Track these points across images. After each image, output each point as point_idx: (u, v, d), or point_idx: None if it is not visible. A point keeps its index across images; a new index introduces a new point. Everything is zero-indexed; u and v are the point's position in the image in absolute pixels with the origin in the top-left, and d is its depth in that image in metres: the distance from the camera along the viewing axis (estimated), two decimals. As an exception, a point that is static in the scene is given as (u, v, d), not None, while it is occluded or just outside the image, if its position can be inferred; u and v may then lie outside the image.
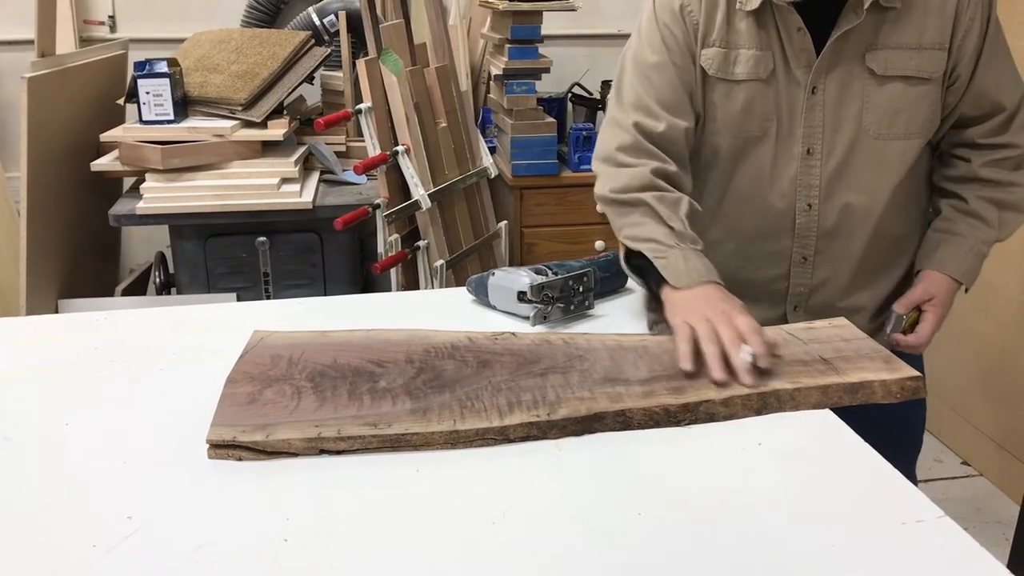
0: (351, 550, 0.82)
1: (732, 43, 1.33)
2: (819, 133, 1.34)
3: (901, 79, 1.31)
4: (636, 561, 0.81)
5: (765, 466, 0.97)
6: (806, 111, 1.33)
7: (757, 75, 1.33)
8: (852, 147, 1.34)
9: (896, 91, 1.32)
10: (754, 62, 1.32)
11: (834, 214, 1.37)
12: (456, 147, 2.49)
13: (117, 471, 0.96)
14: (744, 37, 1.32)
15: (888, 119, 1.33)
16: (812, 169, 1.36)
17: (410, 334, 1.25)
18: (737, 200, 1.42)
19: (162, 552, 0.82)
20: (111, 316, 1.40)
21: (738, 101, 1.34)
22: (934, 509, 0.88)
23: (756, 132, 1.36)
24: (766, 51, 1.32)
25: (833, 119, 1.33)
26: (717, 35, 1.34)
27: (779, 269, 1.43)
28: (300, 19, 2.96)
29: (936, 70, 1.31)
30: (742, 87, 1.34)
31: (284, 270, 2.50)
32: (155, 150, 2.35)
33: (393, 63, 2.29)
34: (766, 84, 1.33)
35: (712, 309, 1.18)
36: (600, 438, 1.02)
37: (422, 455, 0.98)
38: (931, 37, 1.30)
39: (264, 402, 1.06)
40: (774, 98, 1.34)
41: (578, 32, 3.36)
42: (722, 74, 1.34)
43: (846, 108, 1.33)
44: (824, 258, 1.41)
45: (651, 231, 1.29)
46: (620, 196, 1.33)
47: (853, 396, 1.09)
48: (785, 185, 1.37)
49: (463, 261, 2.50)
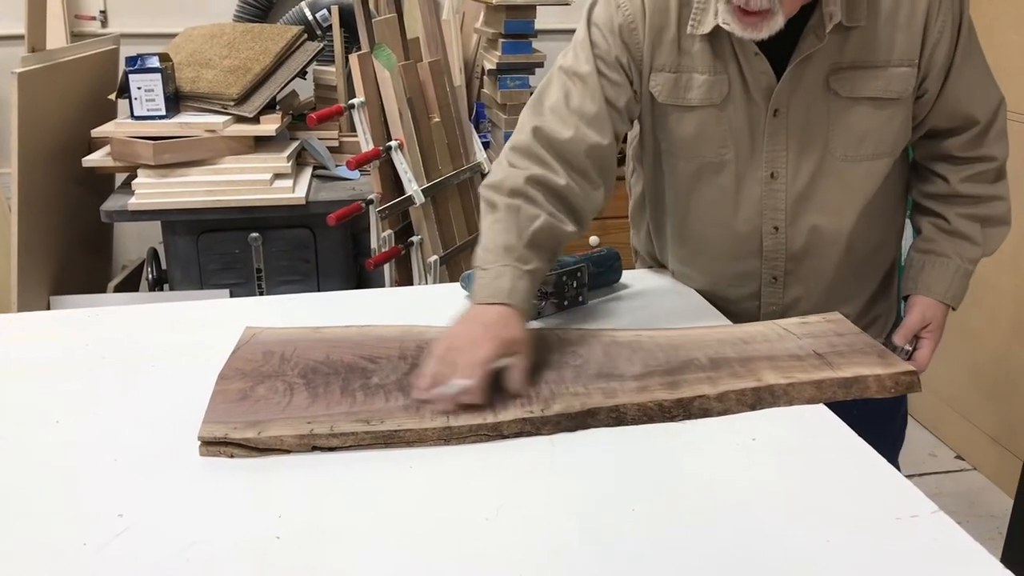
0: (343, 547, 0.82)
1: (684, 67, 1.27)
2: (783, 156, 1.29)
3: (868, 100, 1.26)
4: (630, 557, 0.81)
5: (759, 461, 0.96)
6: (768, 135, 1.28)
7: (711, 100, 1.27)
8: (818, 170, 1.29)
9: (863, 113, 1.26)
10: (707, 87, 1.27)
11: (802, 236, 1.34)
12: (449, 142, 2.48)
13: (108, 468, 0.95)
14: (697, 61, 1.26)
15: (856, 141, 1.28)
16: (777, 193, 1.31)
17: (403, 330, 1.25)
18: (700, 222, 1.38)
19: (153, 550, 0.81)
20: (103, 313, 1.39)
21: (690, 127, 1.30)
22: (929, 504, 0.88)
23: (712, 158, 1.31)
24: (720, 75, 1.26)
25: (798, 142, 1.28)
26: (667, 59, 1.27)
27: (749, 288, 1.40)
28: (292, 14, 2.95)
29: (904, 89, 1.26)
30: (694, 113, 1.29)
31: (277, 266, 2.50)
32: (147, 145, 2.34)
33: (386, 58, 2.28)
34: (720, 109, 1.28)
35: (470, 335, 1.09)
36: (594, 434, 1.02)
37: (415, 452, 0.98)
38: (900, 53, 1.24)
39: (256, 399, 1.05)
40: (729, 123, 1.29)
41: (572, 27, 3.32)
42: (673, 100, 1.29)
43: (811, 131, 1.28)
44: (795, 278, 1.38)
45: (493, 238, 1.20)
46: (489, 193, 1.25)
47: (847, 391, 1.09)
48: (750, 209, 1.33)
49: (457, 256, 2.49)
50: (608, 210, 2.91)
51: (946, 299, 1.37)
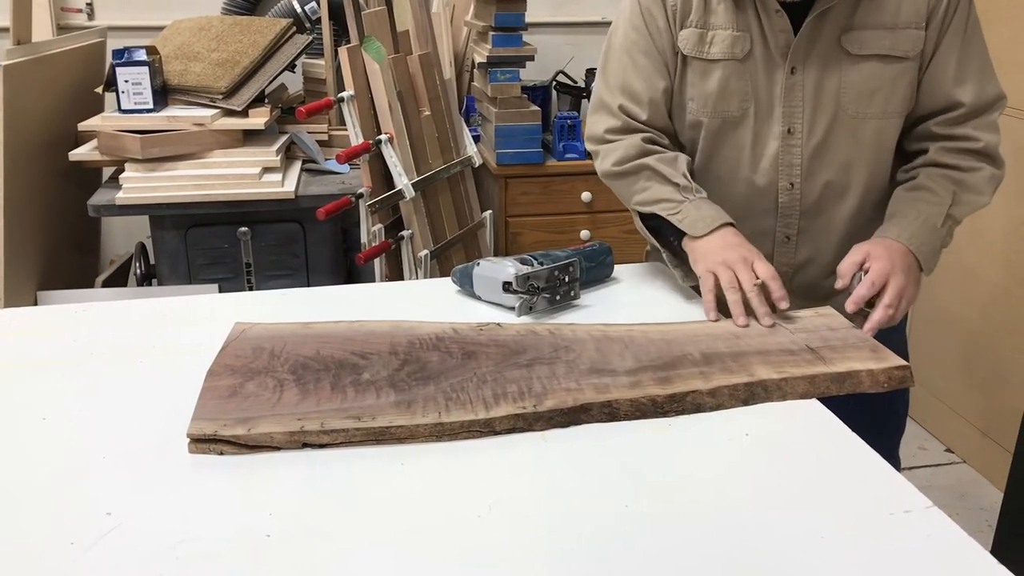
0: (334, 545, 0.81)
1: (708, 24, 1.36)
2: (799, 113, 1.36)
3: (876, 58, 1.32)
4: (624, 553, 0.80)
5: (752, 457, 0.96)
6: (785, 91, 1.35)
7: (733, 55, 1.35)
8: (831, 126, 1.36)
9: (872, 70, 1.33)
10: (730, 42, 1.35)
11: (815, 192, 1.39)
12: (440, 136, 2.47)
13: (96, 466, 0.94)
14: (721, 18, 1.35)
15: (865, 98, 1.34)
16: (793, 148, 1.38)
17: (394, 325, 1.24)
18: (719, 179, 1.43)
19: (142, 548, 0.81)
20: (90, 308, 1.38)
21: (714, 81, 1.37)
22: (922, 499, 0.88)
23: (734, 112, 1.38)
24: (743, 32, 1.34)
25: (813, 99, 1.35)
26: (694, 16, 1.37)
27: (763, 249, 1.42)
28: (281, 6, 2.93)
29: (911, 49, 1.32)
30: (718, 66, 1.37)
31: (266, 261, 2.48)
32: (134, 139, 2.32)
33: (376, 51, 2.27)
34: (742, 64, 1.36)
35: (732, 255, 1.28)
36: (586, 429, 1.01)
37: (407, 448, 0.97)
38: (906, 16, 1.31)
39: (246, 395, 1.04)
40: (751, 78, 1.36)
41: (562, 20, 3.35)
42: (697, 54, 1.37)
43: (825, 88, 1.34)
44: (807, 237, 1.43)
45: (658, 192, 1.38)
46: (621, 167, 1.41)
47: (840, 385, 1.09)
48: (766, 164, 1.39)
49: (447, 251, 2.49)
50: (599, 204, 2.92)
51: (900, 239, 1.30)
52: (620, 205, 1.53)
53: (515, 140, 2.80)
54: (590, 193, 2.89)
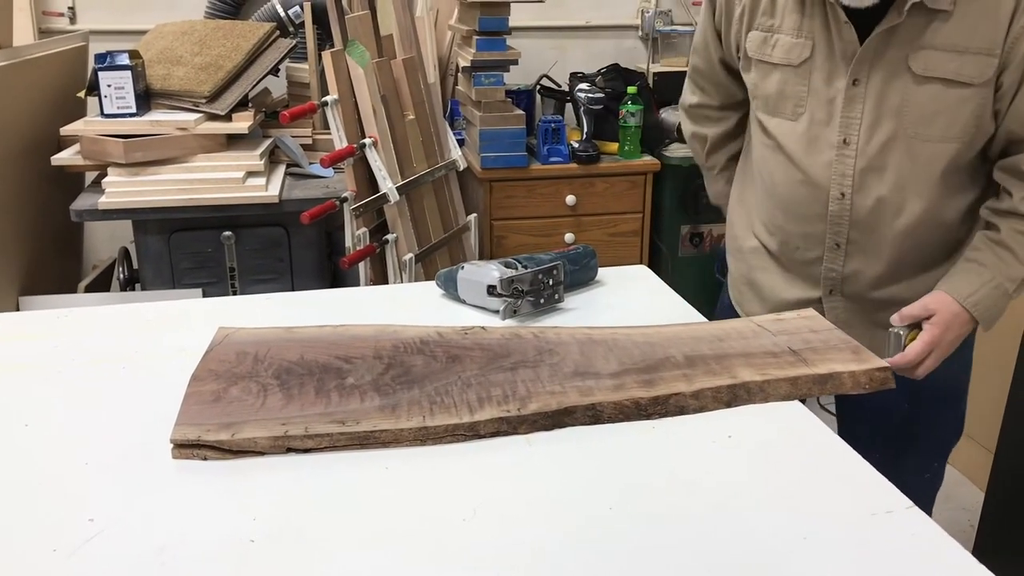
0: (319, 550, 0.81)
1: (773, 28, 1.40)
2: (856, 125, 1.36)
3: (940, 81, 1.29)
4: (608, 555, 0.81)
5: (735, 458, 0.97)
6: (845, 102, 1.36)
7: (789, 60, 1.39)
8: (888, 142, 1.35)
9: (934, 92, 1.30)
10: (788, 48, 1.38)
11: (867, 205, 1.39)
12: (424, 140, 2.47)
13: (78, 472, 0.94)
14: (785, 23, 1.39)
15: (927, 120, 1.32)
16: (847, 159, 1.38)
17: (378, 329, 1.24)
18: (777, 178, 1.47)
19: (125, 554, 0.80)
20: (73, 313, 1.37)
21: (773, 83, 1.42)
22: (903, 499, 0.89)
23: (789, 116, 1.42)
24: (805, 39, 1.37)
25: (873, 113, 1.34)
26: (760, 20, 1.42)
27: (815, 252, 1.47)
28: (264, 10, 2.93)
29: (980, 75, 1.28)
30: (777, 70, 1.41)
31: (250, 265, 2.48)
32: (117, 144, 2.32)
33: (359, 55, 2.27)
34: (796, 70, 1.38)
35: None
36: (571, 432, 1.02)
37: (391, 452, 0.97)
38: (980, 42, 1.27)
39: (229, 400, 1.04)
40: (809, 85, 1.38)
41: (546, 24, 3.36)
42: (759, 55, 1.43)
43: (887, 104, 1.33)
44: (857, 248, 1.43)
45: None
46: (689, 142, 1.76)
47: (822, 387, 1.10)
48: (819, 171, 1.40)
49: (432, 255, 2.49)
50: (583, 207, 2.93)
51: (966, 303, 1.33)
52: (604, 208, 1.55)
53: (499, 144, 2.81)
54: (574, 196, 2.90)
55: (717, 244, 3.20)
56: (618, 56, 3.35)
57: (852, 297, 1.48)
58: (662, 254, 3.12)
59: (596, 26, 3.40)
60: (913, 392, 1.41)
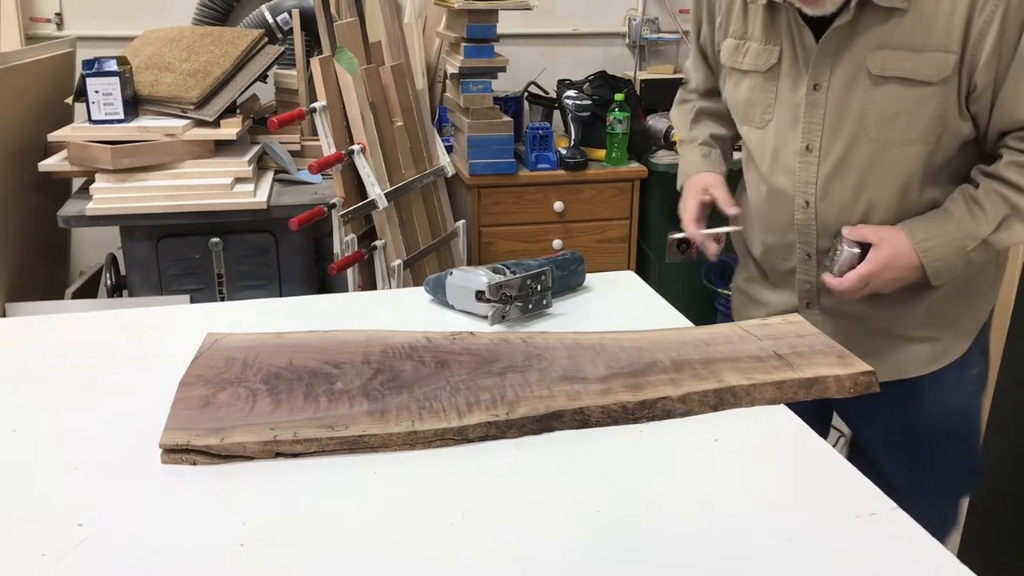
0: (308, 554, 0.82)
1: (744, 34, 1.39)
2: (818, 130, 1.34)
3: (897, 80, 1.27)
4: (597, 558, 0.81)
5: (722, 462, 0.97)
6: (807, 107, 1.33)
7: (757, 67, 1.37)
8: (851, 147, 1.32)
9: (893, 93, 1.28)
10: (756, 54, 1.37)
11: (831, 213, 1.36)
12: (412, 146, 2.48)
13: (67, 477, 0.93)
14: (755, 29, 1.37)
15: (887, 122, 1.29)
16: (809, 166, 1.36)
17: (367, 335, 1.25)
18: (752, 188, 1.48)
19: (114, 559, 0.80)
20: (60, 319, 1.37)
21: (743, 91, 1.41)
22: (887, 502, 0.89)
23: (757, 124, 1.41)
24: (773, 45, 1.35)
25: (834, 118, 1.32)
26: (733, 26, 1.41)
27: (791, 263, 1.45)
28: (253, 17, 2.93)
29: (936, 73, 1.25)
30: (747, 77, 1.40)
31: (238, 271, 2.47)
32: (105, 150, 2.31)
33: (348, 61, 2.27)
34: (765, 78, 1.37)
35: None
36: (559, 436, 1.02)
37: (380, 456, 0.97)
38: (936, 39, 1.25)
39: (218, 405, 1.04)
40: (776, 92, 1.37)
41: (534, 31, 3.37)
42: (732, 63, 1.42)
43: (848, 108, 1.31)
44: (828, 258, 1.40)
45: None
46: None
47: (808, 391, 1.11)
48: (784, 179, 1.39)
49: (420, 260, 2.49)
50: (571, 213, 2.94)
51: (918, 247, 1.29)
52: (591, 214, 1.57)
53: (487, 150, 2.82)
54: (562, 203, 2.91)
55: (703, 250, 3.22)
56: (605, 63, 3.36)
57: (829, 311, 1.44)
58: (649, 260, 3.13)
59: (583, 33, 3.41)
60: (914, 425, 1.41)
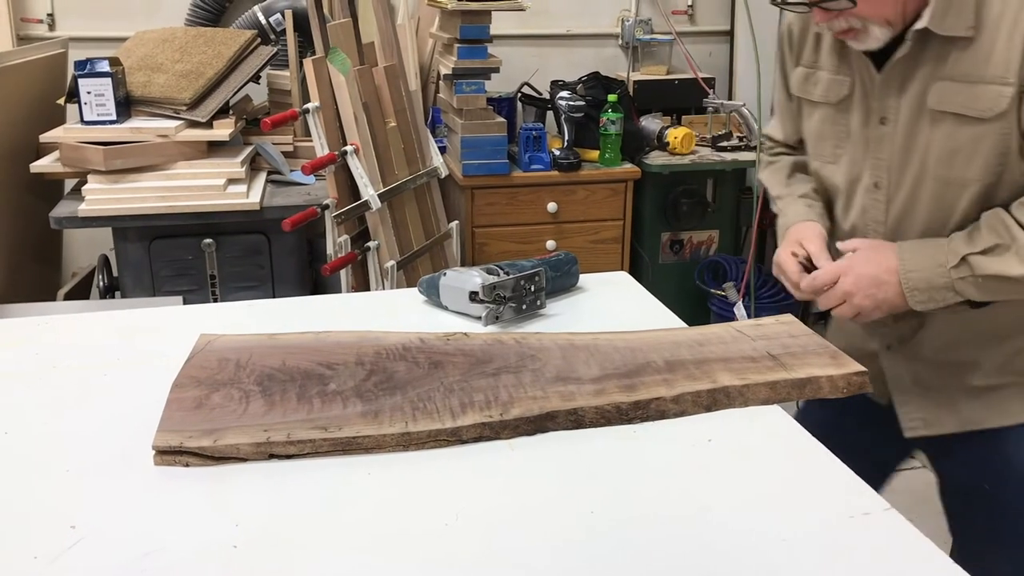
0: (302, 555, 0.81)
1: (815, 63, 1.32)
2: (885, 167, 1.26)
3: (952, 116, 1.17)
4: (590, 559, 0.81)
5: (715, 462, 0.97)
6: (874, 142, 1.26)
7: (827, 99, 1.30)
8: (916, 186, 1.23)
9: (948, 130, 1.18)
10: (826, 85, 1.30)
11: None
12: (406, 147, 2.48)
13: (59, 479, 0.93)
14: (826, 59, 1.30)
15: (946, 160, 1.20)
16: (878, 204, 1.28)
17: (360, 336, 1.24)
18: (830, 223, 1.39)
19: (107, 562, 0.80)
20: (52, 321, 1.36)
21: (814, 122, 1.34)
22: (881, 502, 0.90)
23: (829, 158, 1.33)
24: (843, 76, 1.28)
25: (901, 154, 1.24)
26: (806, 55, 1.34)
27: None
28: (245, 18, 2.93)
29: (991, 108, 1.14)
30: (817, 109, 1.32)
31: (231, 272, 2.47)
32: (97, 151, 2.31)
33: (341, 62, 2.27)
34: (836, 110, 1.29)
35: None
36: (553, 437, 1.02)
37: (374, 458, 0.97)
38: (994, 70, 1.14)
39: (211, 407, 1.04)
40: (847, 125, 1.29)
41: (527, 32, 3.37)
42: (801, 92, 1.35)
43: (914, 143, 1.22)
44: None
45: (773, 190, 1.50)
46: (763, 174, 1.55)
47: (801, 391, 1.11)
48: (856, 217, 1.32)
49: (414, 261, 2.49)
50: (565, 214, 2.94)
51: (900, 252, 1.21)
52: (585, 215, 1.56)
53: (481, 151, 2.82)
54: (556, 204, 2.91)
55: (697, 251, 3.23)
56: (598, 64, 3.37)
57: (910, 355, 1.35)
58: (643, 261, 3.14)
59: (577, 34, 3.42)
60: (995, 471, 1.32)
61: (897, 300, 1.22)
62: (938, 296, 1.19)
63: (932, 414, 1.32)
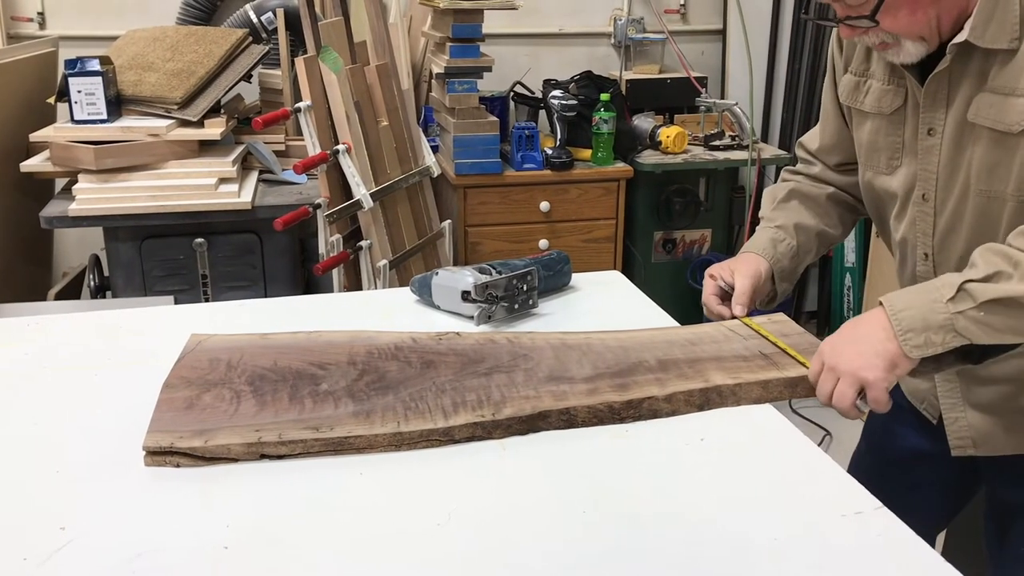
0: (293, 556, 0.81)
1: (866, 72, 1.29)
2: (932, 179, 1.22)
3: (987, 130, 1.15)
4: (582, 557, 0.81)
5: (708, 461, 0.98)
6: (923, 153, 1.23)
7: (880, 109, 1.27)
8: (961, 200, 1.20)
9: (986, 143, 1.16)
10: (879, 95, 1.26)
11: (950, 268, 1.21)
12: (398, 146, 2.47)
13: (49, 480, 0.93)
14: (877, 69, 1.27)
15: (986, 173, 1.16)
16: (926, 217, 1.25)
17: (352, 335, 1.24)
18: (883, 234, 1.37)
19: (97, 563, 0.80)
20: (42, 321, 1.36)
21: (866, 133, 1.30)
22: (872, 500, 0.90)
23: (883, 169, 1.29)
24: (896, 87, 1.24)
25: (948, 166, 1.21)
26: (856, 63, 1.30)
27: None
28: (237, 16, 2.91)
29: (1019, 123, 1.11)
30: (869, 119, 1.29)
31: (223, 272, 2.46)
32: (88, 150, 2.30)
33: (333, 61, 2.26)
34: (889, 121, 1.26)
35: None
36: (545, 437, 1.02)
37: (365, 458, 0.97)
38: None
39: (202, 407, 1.03)
40: (900, 136, 1.26)
41: (519, 31, 3.36)
42: (850, 102, 1.31)
43: (960, 156, 1.19)
44: None
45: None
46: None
47: (793, 390, 1.11)
48: (906, 230, 1.28)
49: (406, 261, 2.48)
50: (557, 213, 2.94)
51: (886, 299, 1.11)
52: (577, 214, 1.55)
53: (473, 150, 2.82)
54: (548, 203, 2.91)
55: (689, 250, 3.23)
56: (591, 63, 3.36)
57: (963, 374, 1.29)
58: (635, 260, 3.14)
59: (569, 33, 3.41)
60: None
61: (890, 346, 1.08)
62: (935, 338, 1.06)
63: (982, 434, 1.30)
